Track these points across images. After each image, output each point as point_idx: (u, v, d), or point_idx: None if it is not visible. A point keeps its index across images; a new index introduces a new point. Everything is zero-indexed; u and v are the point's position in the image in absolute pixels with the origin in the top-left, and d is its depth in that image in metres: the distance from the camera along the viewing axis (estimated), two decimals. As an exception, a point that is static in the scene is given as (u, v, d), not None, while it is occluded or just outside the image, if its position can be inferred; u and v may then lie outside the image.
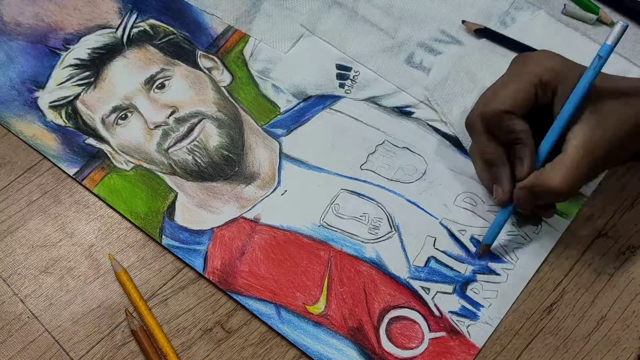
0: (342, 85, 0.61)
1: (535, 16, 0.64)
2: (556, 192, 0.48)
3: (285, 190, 0.56)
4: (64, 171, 0.58)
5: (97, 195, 0.56)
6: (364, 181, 0.56)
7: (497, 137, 0.51)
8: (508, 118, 0.49)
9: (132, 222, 0.55)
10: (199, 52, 0.63)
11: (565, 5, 0.64)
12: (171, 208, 0.55)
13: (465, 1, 0.65)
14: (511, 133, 0.50)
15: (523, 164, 0.50)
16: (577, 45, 0.62)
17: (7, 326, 0.51)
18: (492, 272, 0.52)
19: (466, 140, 0.57)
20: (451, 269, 0.52)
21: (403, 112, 0.59)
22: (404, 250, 0.53)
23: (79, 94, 0.61)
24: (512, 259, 0.53)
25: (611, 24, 0.63)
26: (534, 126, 0.50)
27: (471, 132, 0.53)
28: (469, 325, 0.50)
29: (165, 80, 0.61)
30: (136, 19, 0.65)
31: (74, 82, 0.61)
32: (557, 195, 0.49)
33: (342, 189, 0.56)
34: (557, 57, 0.50)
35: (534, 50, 0.59)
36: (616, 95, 0.49)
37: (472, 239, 0.54)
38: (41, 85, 0.62)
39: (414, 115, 0.59)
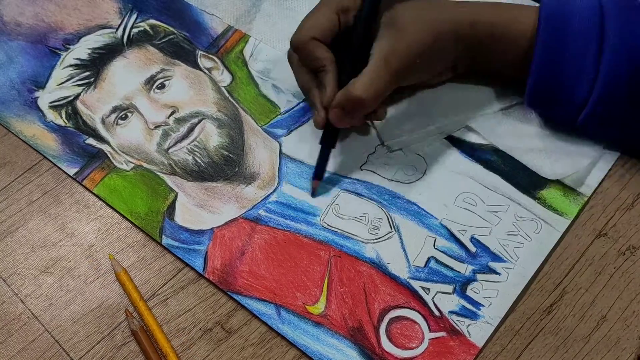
0: (342, 85, 0.61)
1: None
2: (359, 100, 0.51)
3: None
4: (64, 171, 0.58)
5: (97, 196, 0.56)
6: (364, 181, 0.56)
7: (306, 64, 0.55)
8: (312, 45, 0.53)
9: (132, 222, 0.55)
10: (199, 52, 0.63)
11: None
12: (171, 208, 0.55)
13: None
14: (315, 60, 0.54)
15: (326, 89, 0.53)
16: None
17: (7, 326, 0.51)
18: (492, 271, 0.52)
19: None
20: (451, 269, 0.52)
21: (403, 112, 0.59)
22: (404, 250, 0.53)
23: (79, 94, 0.61)
24: (512, 258, 0.53)
25: None
26: (341, 52, 0.53)
27: (289, 61, 0.57)
28: (469, 325, 0.50)
29: (165, 81, 0.61)
30: (136, 19, 0.65)
31: (74, 82, 0.61)
32: (361, 103, 0.52)
33: (342, 189, 0.56)
34: None
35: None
36: (412, 6, 0.53)
37: (472, 238, 0.54)
38: (41, 85, 0.62)
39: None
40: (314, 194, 0.55)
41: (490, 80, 0.59)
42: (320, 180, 0.55)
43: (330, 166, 0.57)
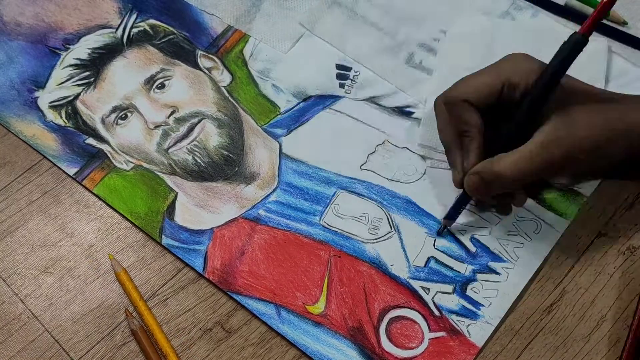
0: (342, 85, 0.61)
1: (535, 16, 0.64)
2: (501, 176, 0.48)
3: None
4: (63, 171, 0.58)
5: (97, 195, 0.56)
6: (364, 181, 0.56)
7: (452, 123, 0.52)
8: (464, 107, 0.50)
9: (132, 222, 0.55)
10: (199, 52, 0.63)
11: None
12: (171, 208, 0.55)
13: (464, 1, 0.65)
14: (462, 123, 0.50)
15: (469, 156, 0.51)
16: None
17: (7, 326, 0.51)
18: (492, 271, 0.52)
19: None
20: (451, 268, 0.52)
21: (403, 112, 0.59)
22: (404, 250, 0.53)
23: (78, 94, 0.61)
24: (512, 258, 0.53)
25: (609, 16, 0.63)
26: (496, 122, 0.50)
27: (435, 112, 0.53)
28: (469, 325, 0.50)
29: (165, 80, 0.61)
30: (136, 19, 0.65)
31: (73, 82, 0.61)
32: (501, 180, 0.49)
33: (341, 189, 0.56)
34: (534, 62, 0.49)
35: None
36: (587, 100, 0.48)
37: (472, 238, 0.54)
38: (41, 85, 0.62)
39: (414, 115, 0.59)
40: (439, 233, 0.54)
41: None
42: (452, 221, 0.54)
43: (331, 165, 0.57)
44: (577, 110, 0.48)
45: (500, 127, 0.50)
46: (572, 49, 0.47)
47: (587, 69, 0.52)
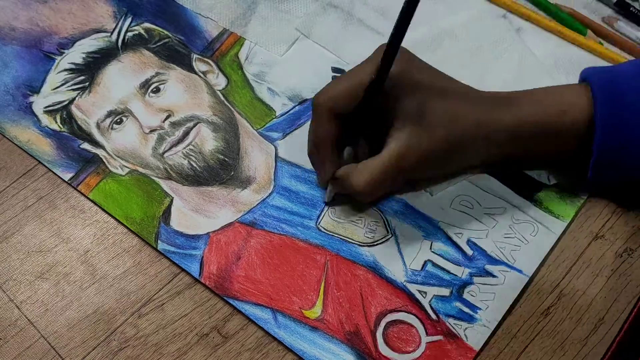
0: (337, 88, 0.61)
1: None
2: (358, 192, 0.51)
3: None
4: (59, 176, 0.57)
5: (92, 201, 0.56)
6: (360, 184, 0.56)
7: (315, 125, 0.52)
8: (325, 116, 0.50)
9: (127, 227, 0.55)
10: (194, 56, 0.63)
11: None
12: (167, 213, 0.55)
13: (462, 4, 0.65)
14: (318, 133, 0.51)
15: (325, 165, 0.52)
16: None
17: (3, 332, 0.51)
18: (489, 274, 0.52)
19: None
20: (448, 272, 0.52)
21: (399, 114, 0.59)
22: (401, 253, 0.53)
23: (73, 99, 0.61)
24: (509, 261, 0.53)
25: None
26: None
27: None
28: (466, 329, 0.50)
29: (160, 84, 0.61)
30: (131, 22, 0.65)
31: (68, 86, 0.61)
32: (359, 194, 0.51)
33: (337, 192, 0.55)
34: (403, 58, 0.49)
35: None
36: (448, 103, 0.49)
37: (469, 241, 0.53)
38: (36, 90, 0.61)
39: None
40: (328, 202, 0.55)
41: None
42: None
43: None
44: (433, 115, 0.48)
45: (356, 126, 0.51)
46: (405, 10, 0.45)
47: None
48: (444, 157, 0.50)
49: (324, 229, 0.54)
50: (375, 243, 0.53)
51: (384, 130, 0.50)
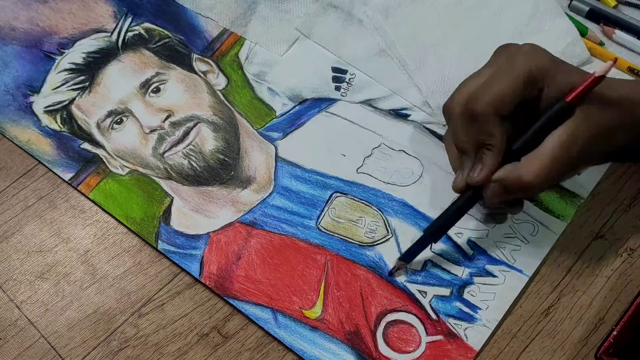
0: (337, 88, 0.61)
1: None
2: (528, 187, 0.46)
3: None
4: (59, 176, 0.57)
5: (92, 201, 0.56)
6: (360, 184, 0.56)
7: (473, 134, 0.48)
8: (490, 120, 0.47)
9: (127, 227, 0.55)
10: (194, 56, 0.63)
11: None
12: (167, 213, 0.55)
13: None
14: (486, 136, 0.47)
15: (482, 170, 0.48)
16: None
17: (3, 332, 0.51)
18: (489, 274, 0.52)
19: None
20: (448, 272, 0.52)
21: (399, 114, 0.59)
22: (401, 253, 0.53)
23: (74, 99, 0.61)
24: (509, 261, 0.53)
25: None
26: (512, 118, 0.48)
27: (449, 120, 0.50)
28: (466, 329, 0.50)
29: (160, 84, 0.61)
30: (131, 22, 0.65)
31: (68, 86, 0.61)
32: (528, 190, 0.47)
33: (338, 192, 0.56)
34: (545, 54, 0.48)
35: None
36: (596, 90, 0.47)
37: (469, 241, 0.53)
38: (36, 90, 0.61)
39: (410, 118, 0.59)
40: (391, 273, 0.52)
41: None
42: (407, 263, 0.52)
43: (327, 168, 0.57)
44: (591, 101, 0.46)
45: (515, 131, 0.48)
46: (556, 115, 0.46)
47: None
48: (601, 142, 0.47)
49: (324, 228, 0.54)
50: (376, 243, 0.53)
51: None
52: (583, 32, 0.62)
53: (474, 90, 0.48)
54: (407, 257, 0.52)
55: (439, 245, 0.53)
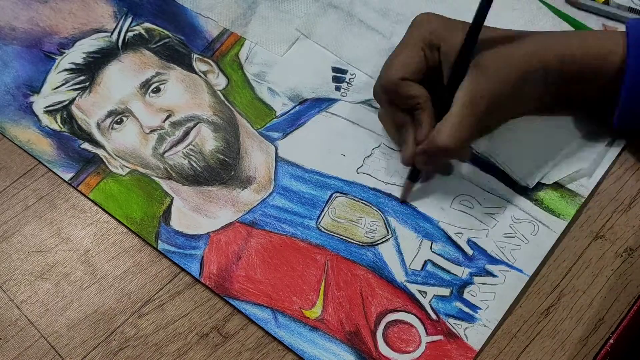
0: (338, 88, 0.61)
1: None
2: (444, 150, 0.50)
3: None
4: (59, 176, 0.57)
5: (92, 201, 0.56)
6: (360, 184, 0.56)
7: (399, 104, 0.53)
8: (405, 85, 0.51)
9: (127, 227, 0.55)
10: (195, 56, 0.63)
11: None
12: (167, 213, 0.55)
13: (462, 4, 0.65)
14: (410, 99, 0.52)
15: (422, 127, 0.52)
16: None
17: (3, 332, 0.51)
18: (489, 274, 0.52)
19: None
20: (448, 272, 0.52)
21: (399, 114, 0.59)
22: (401, 253, 0.53)
23: (74, 99, 0.61)
24: (509, 260, 0.52)
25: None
26: (432, 88, 0.52)
27: (378, 100, 0.55)
28: (466, 328, 0.50)
29: (160, 84, 0.61)
30: (131, 22, 0.65)
31: (69, 86, 0.61)
32: (446, 152, 0.50)
33: (338, 192, 0.56)
34: (438, 18, 0.52)
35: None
36: (498, 45, 0.50)
37: (469, 241, 0.53)
38: (36, 90, 0.61)
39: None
40: (404, 200, 0.55)
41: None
42: (413, 182, 0.55)
43: (327, 169, 0.57)
44: (487, 56, 0.50)
45: (434, 92, 0.52)
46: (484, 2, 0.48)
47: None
48: (511, 95, 0.51)
49: (324, 228, 0.54)
50: (376, 243, 0.53)
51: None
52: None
53: (385, 66, 0.53)
54: (412, 176, 0.54)
55: (439, 245, 0.53)
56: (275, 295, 0.51)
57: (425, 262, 0.53)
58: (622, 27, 0.60)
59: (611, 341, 0.47)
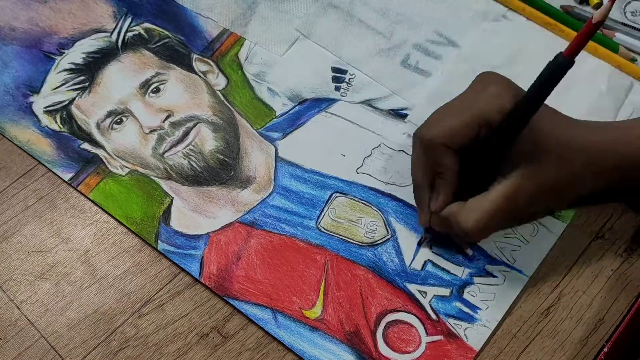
0: (337, 88, 0.61)
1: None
2: (464, 233, 0.47)
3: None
4: (59, 176, 0.57)
5: (92, 201, 0.56)
6: (360, 184, 0.56)
7: (428, 164, 0.49)
8: (441, 152, 0.47)
9: (127, 227, 0.55)
10: (194, 56, 0.63)
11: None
12: (167, 213, 0.55)
13: (461, 4, 0.65)
14: (438, 166, 0.48)
15: (438, 199, 0.49)
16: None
17: (3, 332, 0.51)
18: (489, 274, 0.52)
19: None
20: (448, 272, 0.52)
21: (399, 114, 0.59)
22: (401, 253, 0.53)
23: (73, 99, 0.61)
24: (509, 261, 0.53)
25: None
26: (472, 154, 0.48)
27: (413, 144, 0.50)
28: (466, 329, 0.50)
29: (160, 84, 0.61)
30: (131, 22, 0.65)
31: (68, 86, 0.61)
32: (467, 235, 0.47)
33: (338, 192, 0.56)
34: (510, 95, 0.46)
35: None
36: (557, 144, 0.46)
37: (468, 241, 0.54)
38: (36, 90, 0.61)
39: (409, 118, 0.59)
40: (420, 242, 0.54)
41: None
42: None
43: (327, 169, 0.57)
44: (545, 156, 0.46)
45: (467, 166, 0.48)
46: (552, 72, 0.42)
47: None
48: (555, 194, 0.47)
49: (324, 229, 0.54)
50: (375, 243, 0.53)
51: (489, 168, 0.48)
52: (614, 49, 0.61)
53: (433, 119, 0.49)
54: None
55: (439, 246, 0.53)
56: (275, 295, 0.51)
57: (425, 262, 0.53)
58: (619, 35, 0.61)
59: (605, 350, 0.47)
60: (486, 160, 0.47)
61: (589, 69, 0.61)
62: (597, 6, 0.64)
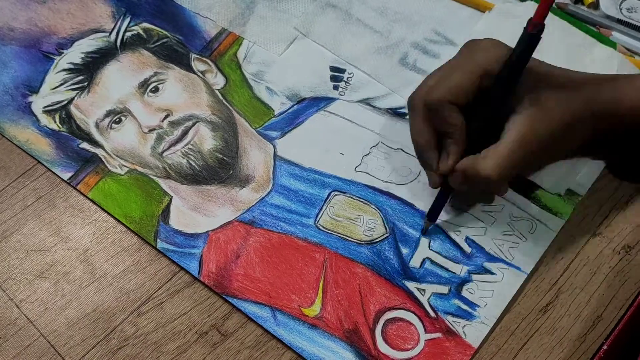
0: (336, 87, 0.61)
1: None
2: (486, 180, 0.48)
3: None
4: (58, 176, 0.57)
5: (91, 200, 0.56)
6: (359, 183, 0.56)
7: (433, 124, 0.51)
8: (448, 109, 0.49)
9: (126, 226, 0.55)
10: (193, 55, 0.63)
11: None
12: (166, 212, 0.55)
13: (459, 2, 0.65)
14: (446, 125, 0.50)
15: (448, 157, 0.50)
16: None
17: (2, 331, 0.51)
18: (487, 271, 0.52)
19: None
20: (446, 269, 0.52)
21: (397, 113, 0.59)
22: (399, 251, 0.53)
23: (72, 99, 0.61)
24: (507, 258, 0.53)
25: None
26: (475, 109, 0.50)
27: (410, 113, 0.52)
28: (464, 326, 0.50)
29: (159, 84, 0.61)
30: (129, 22, 0.65)
31: (67, 86, 0.61)
32: (488, 182, 0.49)
33: (336, 191, 0.56)
34: (504, 47, 0.49)
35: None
36: (557, 85, 0.49)
37: (467, 239, 0.54)
38: (35, 90, 0.61)
39: (408, 117, 0.59)
40: (424, 233, 0.54)
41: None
42: (433, 222, 0.54)
43: (325, 167, 0.57)
44: (548, 98, 0.48)
45: (473, 120, 0.50)
46: (530, 37, 0.46)
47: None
48: (560, 138, 0.49)
49: (323, 227, 0.54)
50: (374, 241, 0.53)
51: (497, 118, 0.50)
52: (613, 46, 0.62)
53: (434, 83, 0.50)
54: (431, 216, 0.53)
55: (437, 243, 0.53)
56: (274, 293, 0.52)
57: (424, 259, 0.53)
58: (614, 32, 0.61)
59: (605, 347, 0.47)
60: (492, 110, 0.49)
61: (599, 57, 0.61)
62: (591, 6, 0.64)
